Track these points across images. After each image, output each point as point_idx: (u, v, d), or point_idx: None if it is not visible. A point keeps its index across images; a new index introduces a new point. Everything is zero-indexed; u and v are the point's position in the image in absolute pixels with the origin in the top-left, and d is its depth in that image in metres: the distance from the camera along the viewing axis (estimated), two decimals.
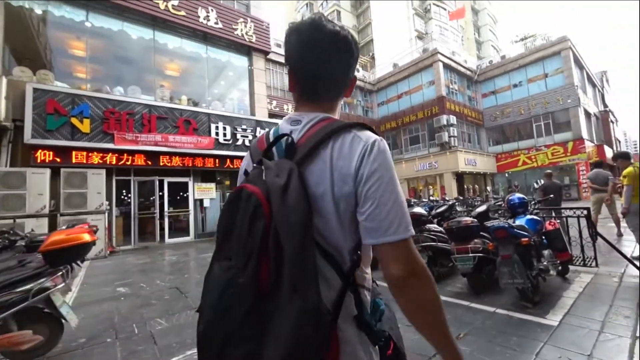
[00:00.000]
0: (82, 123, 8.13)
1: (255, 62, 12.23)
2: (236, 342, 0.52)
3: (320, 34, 0.69)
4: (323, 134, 0.65)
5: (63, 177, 7.64)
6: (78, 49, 9.67)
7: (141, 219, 9.54)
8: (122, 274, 5.72)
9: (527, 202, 3.77)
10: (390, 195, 0.61)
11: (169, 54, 10.92)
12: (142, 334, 2.89)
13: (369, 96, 26.47)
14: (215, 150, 10.22)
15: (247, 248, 0.54)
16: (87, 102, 8.27)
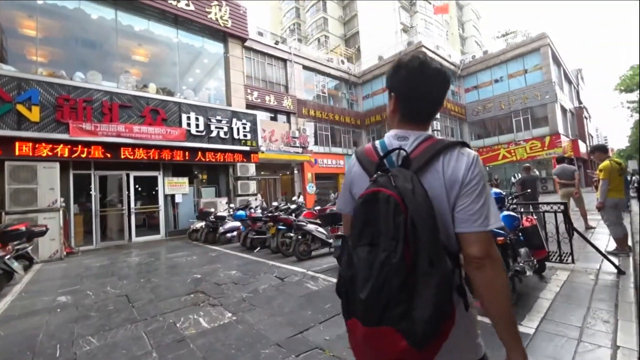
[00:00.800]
0: (31, 111, 7.41)
1: (232, 49, 11.64)
2: (394, 305, 0.69)
3: (429, 70, 0.89)
4: (434, 151, 0.84)
5: (8, 171, 6.94)
6: (29, 28, 8.80)
7: (104, 217, 8.93)
8: (70, 279, 5.20)
9: (504, 198, 3.60)
10: (481, 198, 0.81)
11: (134, 37, 10.18)
12: (63, 357, 2.47)
13: (354, 89, 26.20)
14: (187, 143, 9.65)
15: (395, 236, 0.71)
16: (37, 88, 7.53)
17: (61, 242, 7.45)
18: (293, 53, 21.10)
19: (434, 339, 0.69)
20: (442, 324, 0.70)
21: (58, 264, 6.79)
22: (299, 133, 19.95)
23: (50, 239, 7.26)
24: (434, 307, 0.67)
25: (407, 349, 0.68)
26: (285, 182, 21.06)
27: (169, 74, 11.22)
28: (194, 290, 4.10)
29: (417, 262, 0.70)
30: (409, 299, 0.69)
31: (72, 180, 8.41)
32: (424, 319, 0.67)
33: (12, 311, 3.71)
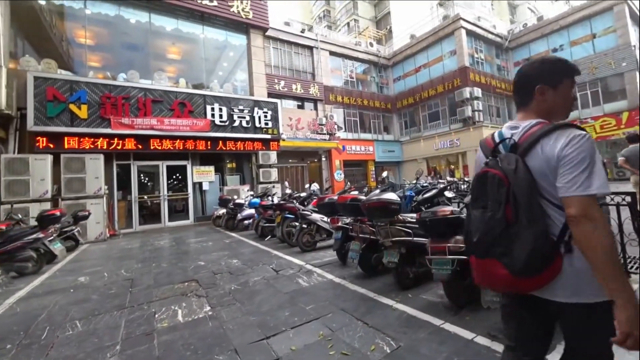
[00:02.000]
0: (80, 109, 8.67)
1: (253, 40, 12.19)
2: (496, 245, 1.05)
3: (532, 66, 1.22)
4: (534, 137, 1.08)
5: (63, 163, 8.26)
6: (82, 37, 10.17)
7: (141, 203, 10.15)
8: (100, 260, 6.00)
9: None
10: (577, 169, 0.98)
11: (166, 37, 11.19)
12: (46, 341, 2.67)
13: (384, 72, 25.53)
14: (211, 133, 10.49)
15: (498, 201, 1.05)
16: (85, 88, 8.76)
17: (105, 225, 8.73)
18: (320, 40, 21.17)
19: (530, 276, 1.03)
20: (539, 267, 1.02)
21: (100, 245, 7.96)
22: (326, 120, 20.17)
23: (96, 222, 8.56)
24: (528, 252, 0.99)
25: (507, 275, 1.04)
26: (313, 169, 21.53)
27: (198, 69, 12.15)
28: (191, 278, 4.32)
29: (518, 219, 1.02)
30: (509, 243, 1.03)
31: (116, 170, 9.69)
32: (520, 258, 1.00)
33: (39, 289, 4.32)
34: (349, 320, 2.67)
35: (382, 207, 3.27)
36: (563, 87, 1.15)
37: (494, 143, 1.20)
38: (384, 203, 3.26)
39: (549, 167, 1.03)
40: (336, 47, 22.15)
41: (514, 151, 1.11)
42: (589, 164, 0.98)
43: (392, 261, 3.16)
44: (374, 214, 3.35)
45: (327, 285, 3.68)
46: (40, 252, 5.44)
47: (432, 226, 2.70)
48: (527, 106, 1.21)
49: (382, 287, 3.43)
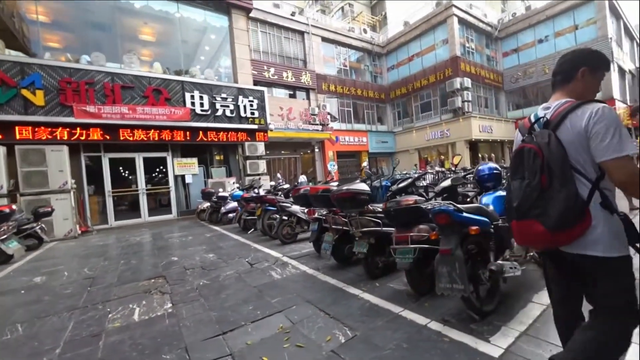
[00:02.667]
0: (35, 95, 7.61)
1: (235, 22, 11.09)
2: (534, 208, 1.23)
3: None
4: (563, 113, 1.25)
5: (19, 155, 7.24)
6: (33, 12, 8.94)
7: (120, 197, 9.25)
8: (64, 259, 5.37)
9: (499, 174, 2.89)
10: (607, 136, 1.13)
11: (135, 15, 10.05)
12: None
13: (378, 60, 24.52)
14: (192, 122, 9.54)
15: (534, 171, 1.23)
16: (39, 71, 7.68)
17: (74, 221, 7.82)
18: (311, 24, 19.98)
19: (564, 230, 1.18)
20: (571, 221, 1.17)
21: (69, 242, 7.14)
22: (318, 110, 19.24)
23: (63, 218, 7.66)
24: (561, 209, 1.15)
25: (543, 231, 1.20)
26: (307, 160, 20.71)
27: (175, 53, 11.02)
28: (158, 275, 3.98)
29: (552, 185, 1.19)
30: (545, 204, 1.20)
31: (84, 163, 8.71)
32: (554, 215, 1.17)
33: None
34: (311, 311, 2.59)
35: (351, 197, 3.23)
36: (598, 75, 1.35)
37: (530, 123, 1.37)
38: (352, 193, 3.22)
39: (578, 138, 1.19)
40: (329, 33, 21.00)
41: (547, 127, 1.28)
42: (615, 129, 1.13)
43: (361, 251, 3.15)
44: (343, 204, 3.31)
45: (299, 277, 3.55)
46: None
47: (396, 216, 2.65)
48: (565, 86, 1.36)
49: (353, 278, 3.36)
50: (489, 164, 2.98)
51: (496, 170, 2.88)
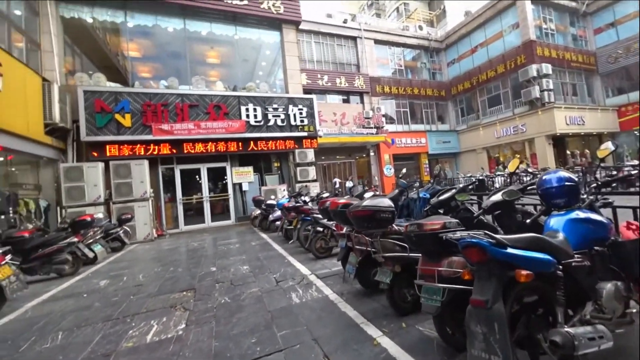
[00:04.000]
0: (124, 118, 8.64)
1: (286, 35, 11.14)
2: None
3: None
4: None
5: (112, 169, 8.32)
6: (128, 49, 10.34)
7: (186, 204, 9.98)
8: (133, 262, 5.81)
9: (574, 187, 1.89)
10: None
11: (201, 41, 10.85)
12: (20, 355, 2.46)
13: (436, 56, 22.44)
14: (247, 133, 9.82)
15: None
16: (127, 98, 8.72)
17: (152, 226, 8.64)
18: (363, 29, 19.29)
19: None
20: None
21: (145, 245, 7.85)
22: (372, 113, 18.37)
23: (143, 223, 8.52)
24: None
25: None
26: (362, 165, 19.94)
27: (235, 70, 11.64)
28: (191, 287, 3.88)
29: None
30: None
31: (161, 174, 9.62)
32: None
33: (62, 292, 4.19)
34: (314, 356, 2.09)
35: (369, 216, 2.59)
36: None
37: None
38: (370, 211, 2.59)
39: None
40: (381, 35, 20.00)
41: None
42: None
43: (383, 281, 2.52)
44: (360, 224, 2.71)
45: (318, 303, 3.05)
46: (76, 255, 5.33)
47: (419, 243, 1.97)
48: None
49: (377, 310, 2.73)
50: (559, 172, 1.98)
51: (569, 181, 1.88)
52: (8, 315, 3.43)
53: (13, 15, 7.42)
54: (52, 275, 4.95)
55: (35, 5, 8.02)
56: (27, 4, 7.72)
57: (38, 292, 4.23)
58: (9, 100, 6.14)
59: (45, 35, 8.17)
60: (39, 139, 7.23)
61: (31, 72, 7.05)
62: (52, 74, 8.18)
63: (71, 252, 5.12)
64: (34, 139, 7.08)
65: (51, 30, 8.21)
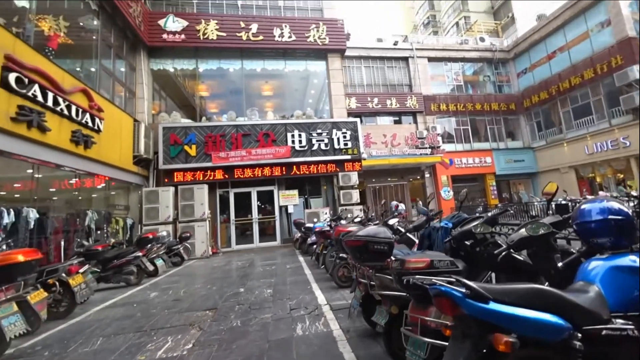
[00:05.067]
0: (191, 148, 10.09)
1: (331, 64, 11.72)
2: None
3: None
4: None
5: (180, 193, 9.69)
6: (200, 90, 12.26)
7: (238, 225, 10.87)
8: (184, 277, 6.55)
9: (627, 223, 1.41)
10: None
11: (256, 77, 12.16)
12: (64, 355, 2.94)
13: (502, 67, 20.43)
14: (292, 158, 10.39)
15: None
16: (194, 132, 10.20)
17: (208, 244, 9.63)
18: (415, 48, 18.93)
19: None
20: None
21: (200, 261, 8.76)
22: (426, 132, 17.47)
23: (201, 241, 9.57)
24: None
25: None
26: (416, 187, 18.83)
27: (286, 99, 12.69)
28: (215, 307, 4.17)
29: None
30: None
31: (218, 197, 10.77)
32: None
33: (122, 300, 4.95)
34: None
35: (360, 247, 2.42)
36: None
37: None
38: (361, 242, 2.42)
39: None
40: (435, 52, 19.26)
41: None
42: None
43: (379, 323, 2.31)
44: (354, 255, 2.57)
45: (319, 339, 2.95)
46: (141, 268, 6.26)
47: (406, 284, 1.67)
48: None
49: (378, 356, 2.50)
50: (605, 202, 1.54)
51: (618, 214, 1.40)
52: (78, 316, 4.21)
53: (118, 72, 9.61)
54: (122, 284, 5.89)
55: (133, 62, 10.24)
56: (126, 62, 9.90)
57: (106, 298, 5.10)
58: (109, 139, 7.84)
59: (139, 85, 10.29)
60: (129, 168, 8.96)
61: (126, 115, 8.91)
62: (142, 116, 10.17)
63: (136, 265, 6.08)
64: (126, 169, 8.81)
65: (143, 81, 10.32)
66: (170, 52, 10.88)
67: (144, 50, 10.43)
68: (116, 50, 9.10)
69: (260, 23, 11.23)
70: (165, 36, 10.49)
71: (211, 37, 10.85)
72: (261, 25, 11.20)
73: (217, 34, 10.89)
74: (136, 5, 9.45)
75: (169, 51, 10.82)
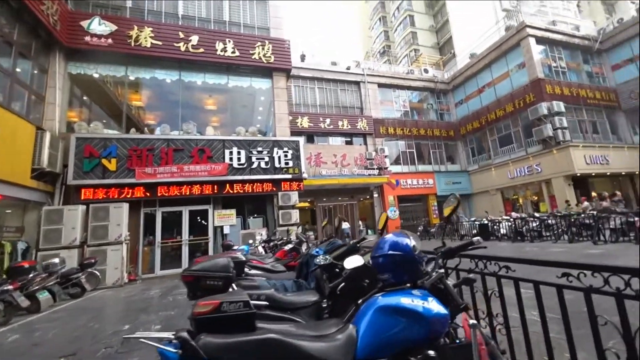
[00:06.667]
0: (110, 162, 9.08)
1: (276, 82, 11.71)
2: None
3: None
4: None
5: (91, 212, 8.54)
6: (132, 99, 11.33)
7: (164, 248, 9.89)
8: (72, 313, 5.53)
9: (407, 258, 1.34)
10: None
11: (196, 90, 11.60)
12: None
13: (444, 97, 22.53)
14: (229, 176, 9.91)
15: None
16: (115, 144, 9.25)
17: (124, 271, 8.52)
18: (366, 74, 20.05)
19: None
20: None
21: (108, 292, 7.62)
22: (375, 154, 18.21)
23: (114, 268, 8.44)
24: None
25: None
26: (365, 207, 19.31)
27: (231, 116, 12.26)
28: (71, 353, 3.46)
29: None
30: None
31: (143, 217, 9.75)
32: None
33: None
34: None
35: (192, 283, 2.15)
36: None
37: None
38: (191, 277, 2.13)
39: None
40: (385, 79, 20.59)
41: None
42: None
43: None
44: (189, 293, 2.24)
45: None
46: (11, 304, 5.15)
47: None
48: None
49: None
50: (395, 235, 1.48)
51: (397, 248, 1.35)
52: None
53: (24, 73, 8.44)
54: None
55: (45, 63, 9.13)
56: (35, 63, 8.79)
57: None
58: None
59: (51, 89, 9.14)
60: (24, 183, 7.68)
61: (23, 122, 7.75)
62: (52, 123, 8.97)
63: (4, 300, 5.02)
64: (20, 184, 7.54)
65: (57, 84, 9.21)
66: (94, 56, 9.95)
67: (61, 51, 9.39)
68: (20, 48, 8.02)
69: (202, 35, 10.92)
70: (89, 39, 9.61)
71: (144, 44, 10.21)
72: (202, 37, 10.89)
73: (151, 41, 10.30)
74: (51, 3, 8.56)
75: (92, 55, 9.89)
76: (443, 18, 33.73)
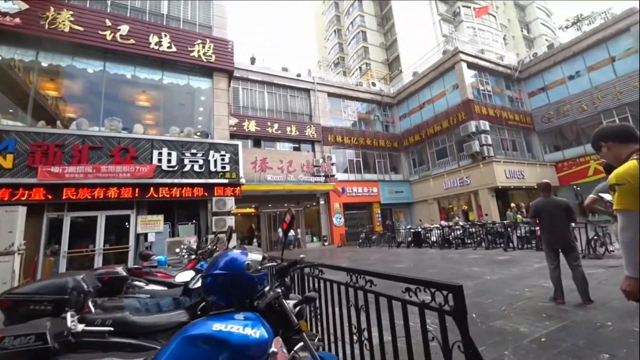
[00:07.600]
0: (5, 159, 7.74)
1: (216, 83, 11.19)
2: None
3: None
4: None
5: None
6: (46, 89, 9.86)
7: (72, 258, 8.66)
8: None
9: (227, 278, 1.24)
10: None
11: (125, 84, 10.56)
12: None
13: (389, 110, 23.78)
14: (156, 179, 9.09)
15: None
16: (14, 137, 7.93)
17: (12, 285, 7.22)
18: (317, 82, 20.31)
19: None
20: None
21: None
22: (323, 161, 18.39)
23: (2, 283, 7.11)
24: None
25: None
26: (312, 214, 19.34)
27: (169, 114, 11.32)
28: None
29: None
30: None
31: (47, 223, 8.44)
32: None
33: None
34: None
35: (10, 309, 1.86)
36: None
37: None
38: (11, 302, 1.86)
39: None
40: (335, 89, 21.08)
41: None
42: None
43: None
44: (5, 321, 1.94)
45: None
46: None
47: None
48: None
49: None
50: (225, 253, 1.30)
51: (229, 268, 1.20)
52: None
53: None
54: None
55: None
56: None
57: None
58: None
59: None
60: None
61: None
62: None
63: None
64: None
65: None
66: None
67: None
68: None
69: (133, 26, 10.02)
70: None
71: (62, 28, 9.03)
72: (134, 28, 9.99)
73: (70, 26, 9.15)
74: None
75: None
76: (392, 37, 35.93)
